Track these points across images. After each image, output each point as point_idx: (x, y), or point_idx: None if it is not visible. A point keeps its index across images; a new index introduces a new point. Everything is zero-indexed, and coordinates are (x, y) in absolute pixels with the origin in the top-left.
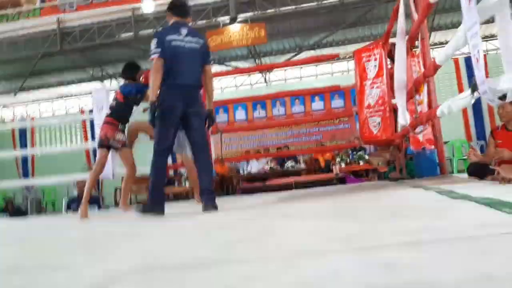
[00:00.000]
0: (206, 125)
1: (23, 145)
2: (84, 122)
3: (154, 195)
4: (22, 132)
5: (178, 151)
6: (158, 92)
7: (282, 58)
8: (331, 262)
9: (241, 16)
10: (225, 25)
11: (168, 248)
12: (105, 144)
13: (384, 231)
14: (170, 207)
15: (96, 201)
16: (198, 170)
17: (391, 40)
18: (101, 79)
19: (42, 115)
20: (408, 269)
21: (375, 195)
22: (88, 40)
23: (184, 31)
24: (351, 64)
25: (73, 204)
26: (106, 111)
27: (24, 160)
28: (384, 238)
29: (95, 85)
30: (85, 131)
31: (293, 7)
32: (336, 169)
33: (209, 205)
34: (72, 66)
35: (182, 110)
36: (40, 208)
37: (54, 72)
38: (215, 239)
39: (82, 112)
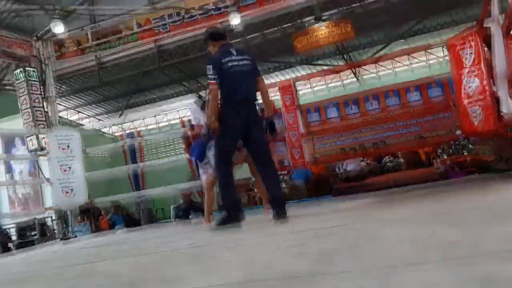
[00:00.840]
0: (268, 133)
1: (133, 160)
2: None
3: (230, 205)
4: (132, 148)
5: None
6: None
7: (371, 51)
8: (427, 275)
9: (326, 15)
10: (310, 25)
11: (267, 259)
12: None
13: (485, 238)
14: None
15: (197, 208)
16: (265, 180)
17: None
18: (197, 91)
19: (147, 128)
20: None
21: (479, 194)
22: (183, 55)
23: (234, 51)
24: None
25: (180, 212)
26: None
27: (135, 174)
28: (485, 247)
29: (193, 97)
30: (188, 142)
31: None
32: (437, 163)
33: (280, 213)
34: (170, 81)
35: (244, 125)
36: (151, 217)
37: (154, 88)
38: (311, 249)
39: (182, 124)
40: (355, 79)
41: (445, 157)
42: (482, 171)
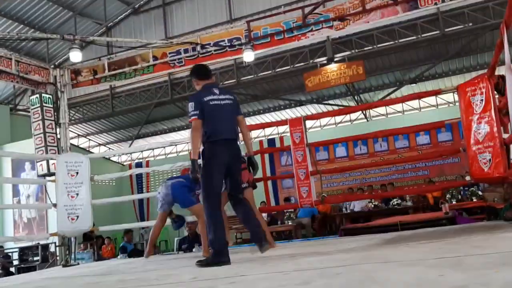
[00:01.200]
0: (249, 170)
1: (139, 188)
2: None
3: (218, 246)
4: (139, 176)
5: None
6: (200, 150)
7: (381, 94)
8: None
9: (338, 56)
10: (322, 65)
11: None
12: None
13: (494, 283)
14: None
15: (200, 241)
16: (245, 218)
17: (497, 73)
18: None
19: (156, 158)
20: None
21: (488, 240)
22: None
23: (216, 90)
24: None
25: (183, 244)
26: None
27: (141, 202)
28: None
29: None
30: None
31: (391, 42)
32: (445, 207)
33: (263, 244)
34: (181, 113)
35: (227, 163)
36: (154, 247)
37: (165, 119)
38: None
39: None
40: (362, 116)
41: (454, 202)
42: (491, 218)
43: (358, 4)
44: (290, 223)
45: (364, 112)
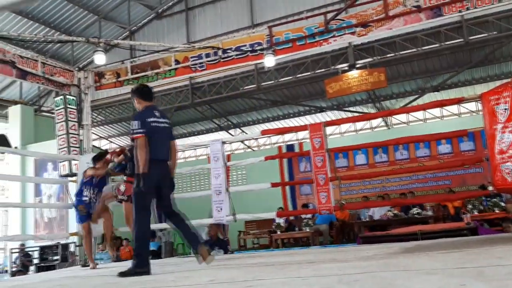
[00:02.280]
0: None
1: None
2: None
3: (145, 258)
4: None
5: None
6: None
7: (403, 101)
8: None
9: (360, 62)
10: (343, 72)
11: None
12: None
13: None
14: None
15: (222, 245)
16: (184, 230)
17: None
18: (227, 128)
19: None
20: None
21: (510, 250)
22: (216, 93)
23: (157, 113)
24: (481, 104)
25: None
26: (222, 162)
27: None
28: None
29: (222, 134)
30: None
31: (414, 49)
32: (467, 218)
33: (208, 253)
34: (201, 117)
35: (159, 182)
36: (172, 250)
37: (186, 123)
38: None
39: (208, 160)
40: (383, 124)
41: (475, 212)
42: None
43: (381, 10)
44: (307, 230)
45: (385, 119)
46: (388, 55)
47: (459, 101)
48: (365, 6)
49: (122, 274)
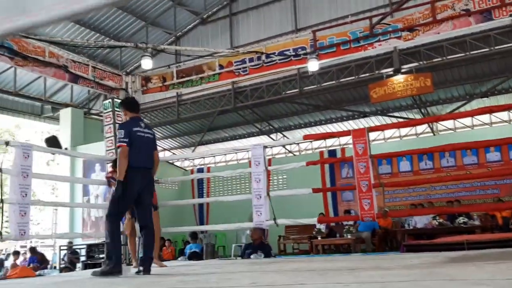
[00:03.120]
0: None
1: (200, 193)
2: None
3: (115, 258)
4: (200, 182)
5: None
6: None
7: (450, 107)
8: None
9: (405, 67)
10: (388, 76)
11: None
12: None
13: None
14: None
15: (265, 249)
16: (145, 241)
17: None
18: (268, 133)
19: (216, 165)
20: None
21: None
22: (258, 98)
23: (142, 124)
24: None
25: (247, 250)
26: (263, 166)
27: (201, 206)
28: None
29: (263, 138)
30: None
31: (462, 54)
32: None
33: (147, 270)
34: (243, 121)
35: (140, 189)
36: (213, 252)
37: (228, 127)
38: None
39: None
40: (429, 130)
41: None
42: None
43: (429, 14)
44: (349, 237)
45: (430, 125)
46: (435, 60)
47: (509, 107)
48: (412, 10)
49: (95, 273)
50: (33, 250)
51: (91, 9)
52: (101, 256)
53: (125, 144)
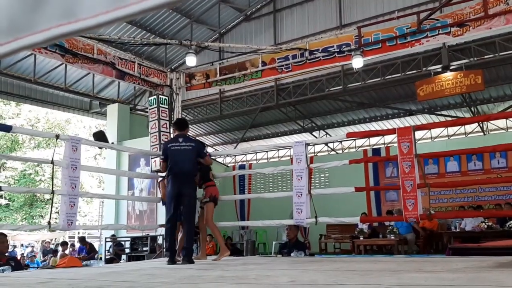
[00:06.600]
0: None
1: (242, 189)
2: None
3: (169, 251)
4: (241, 178)
5: None
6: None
7: (502, 106)
8: None
9: (455, 64)
10: (436, 73)
11: None
12: None
13: None
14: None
15: (301, 248)
16: (183, 233)
17: None
18: (310, 130)
19: (258, 162)
20: None
21: None
22: (300, 95)
23: (181, 139)
24: None
25: (284, 249)
26: (305, 164)
27: (242, 203)
28: None
29: (306, 136)
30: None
31: None
32: None
33: (189, 260)
34: (285, 118)
35: (178, 191)
36: (254, 249)
37: (270, 124)
38: None
39: (291, 161)
40: (478, 129)
41: None
42: None
43: (480, 9)
44: (392, 238)
45: (481, 124)
46: (486, 56)
47: None
48: (462, 5)
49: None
50: (82, 239)
51: (145, 11)
52: (144, 249)
53: (162, 159)
